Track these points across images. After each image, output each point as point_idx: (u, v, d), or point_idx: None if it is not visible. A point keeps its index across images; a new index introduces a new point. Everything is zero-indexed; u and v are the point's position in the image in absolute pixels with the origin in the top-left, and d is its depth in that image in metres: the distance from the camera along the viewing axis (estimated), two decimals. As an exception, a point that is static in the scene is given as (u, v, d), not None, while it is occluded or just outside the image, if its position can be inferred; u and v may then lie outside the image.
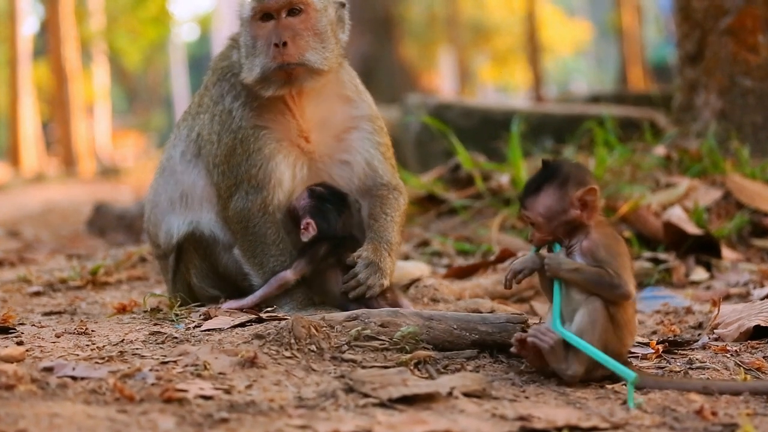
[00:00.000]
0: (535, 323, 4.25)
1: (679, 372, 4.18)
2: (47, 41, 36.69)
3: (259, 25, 4.99)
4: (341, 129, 5.14)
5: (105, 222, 11.19)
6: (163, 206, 5.31)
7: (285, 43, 4.88)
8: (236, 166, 5.02)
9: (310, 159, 5.08)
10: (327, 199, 4.94)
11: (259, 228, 4.98)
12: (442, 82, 50.81)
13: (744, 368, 4.29)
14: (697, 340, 4.77)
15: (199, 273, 5.22)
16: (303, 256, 4.91)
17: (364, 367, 3.95)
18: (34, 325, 4.92)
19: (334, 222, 4.93)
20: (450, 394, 3.64)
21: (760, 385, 3.97)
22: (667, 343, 4.62)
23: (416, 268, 5.86)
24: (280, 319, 4.34)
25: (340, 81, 5.20)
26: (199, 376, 3.78)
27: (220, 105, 5.12)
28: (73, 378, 3.73)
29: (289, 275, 4.89)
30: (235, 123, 5.06)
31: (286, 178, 5.03)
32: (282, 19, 4.95)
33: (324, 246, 4.89)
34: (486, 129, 9.78)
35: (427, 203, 7.84)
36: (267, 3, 4.97)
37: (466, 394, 3.66)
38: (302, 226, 4.93)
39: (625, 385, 3.80)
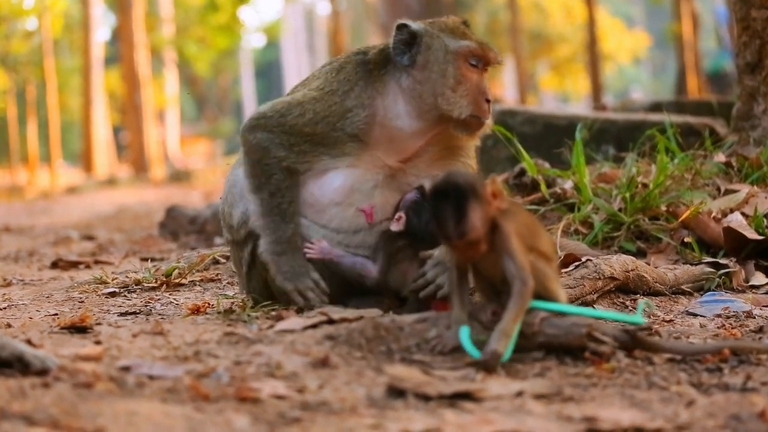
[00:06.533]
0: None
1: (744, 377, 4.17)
2: (119, 49, 37.19)
3: (468, 67, 5.02)
4: (437, 154, 5.19)
5: (177, 225, 11.23)
6: (242, 184, 5.17)
7: (490, 102, 5.02)
8: None
9: (393, 171, 5.14)
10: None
11: None
12: (504, 90, 50.70)
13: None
14: (759, 344, 4.77)
15: None
16: (378, 253, 4.98)
17: (433, 368, 4.00)
18: (110, 325, 5.01)
19: (425, 222, 4.88)
20: (518, 395, 3.69)
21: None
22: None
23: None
24: (350, 321, 4.40)
25: None
26: (272, 375, 3.85)
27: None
28: (150, 377, 3.80)
29: (374, 272, 4.96)
30: None
31: None
32: (484, 72, 5.06)
33: (399, 242, 4.95)
34: (549, 135, 9.73)
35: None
36: (487, 54, 5.07)
37: (535, 396, 3.71)
38: (396, 217, 4.97)
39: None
